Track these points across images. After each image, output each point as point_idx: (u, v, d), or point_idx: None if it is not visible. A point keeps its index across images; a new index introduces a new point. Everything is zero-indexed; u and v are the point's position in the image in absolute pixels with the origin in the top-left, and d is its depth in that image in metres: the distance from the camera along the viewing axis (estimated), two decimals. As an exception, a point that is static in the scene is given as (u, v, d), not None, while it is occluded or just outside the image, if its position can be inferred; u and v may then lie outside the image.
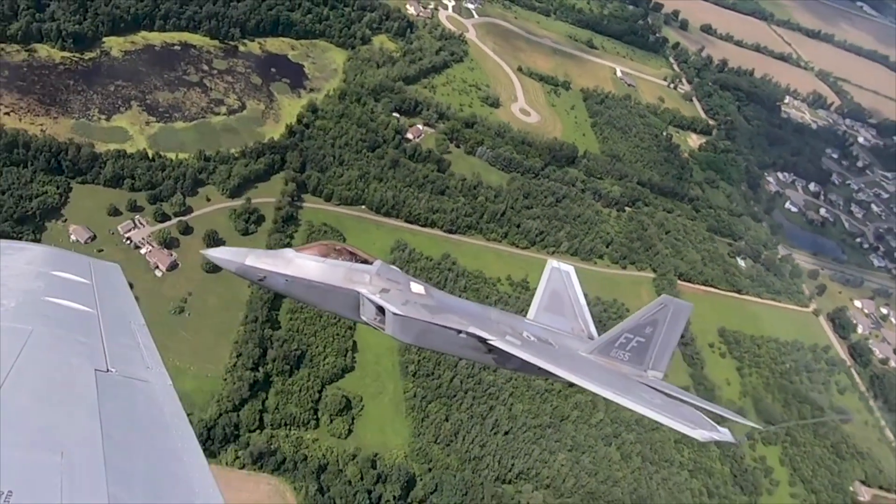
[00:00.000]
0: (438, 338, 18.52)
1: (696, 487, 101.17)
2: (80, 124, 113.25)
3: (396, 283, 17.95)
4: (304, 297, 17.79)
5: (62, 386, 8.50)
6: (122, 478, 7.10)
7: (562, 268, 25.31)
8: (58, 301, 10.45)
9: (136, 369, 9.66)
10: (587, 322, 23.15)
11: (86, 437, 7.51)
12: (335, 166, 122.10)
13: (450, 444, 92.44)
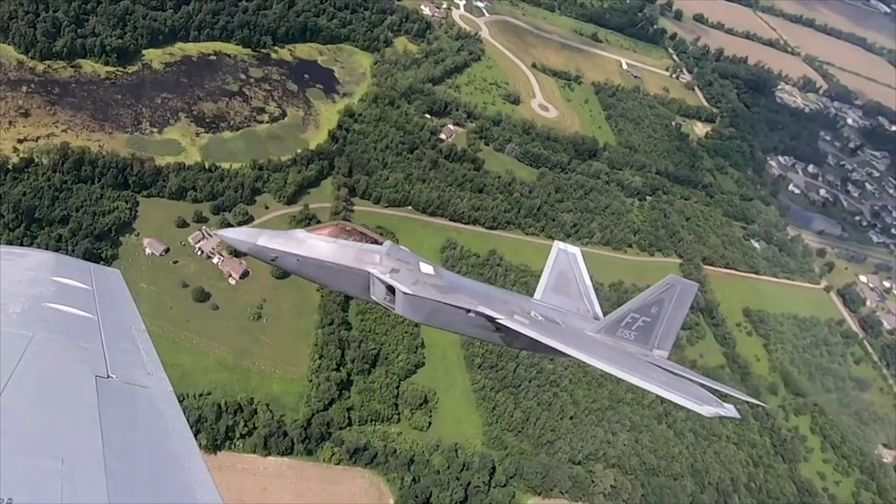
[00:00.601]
0: (448, 317, 18.71)
1: (742, 458, 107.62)
2: (135, 138, 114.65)
3: (406, 264, 18.15)
4: (316, 276, 18.01)
5: (63, 392, 8.45)
6: (122, 484, 7.07)
7: (568, 249, 25.32)
8: (58, 307, 10.35)
9: (137, 375, 9.57)
10: (593, 303, 23.41)
11: (86, 444, 7.47)
12: (380, 169, 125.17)
13: (521, 430, 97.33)
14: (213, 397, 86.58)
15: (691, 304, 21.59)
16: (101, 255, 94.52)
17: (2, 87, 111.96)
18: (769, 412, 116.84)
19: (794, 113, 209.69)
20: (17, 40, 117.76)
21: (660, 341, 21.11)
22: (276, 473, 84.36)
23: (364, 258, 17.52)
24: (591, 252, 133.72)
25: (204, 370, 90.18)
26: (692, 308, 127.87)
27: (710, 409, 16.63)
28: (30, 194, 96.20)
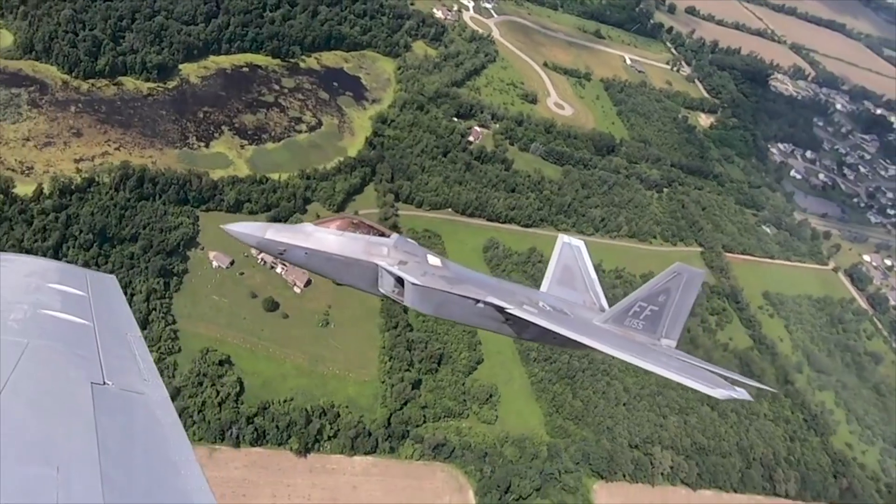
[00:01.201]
0: (457, 308, 18.61)
1: (780, 434, 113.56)
2: (184, 153, 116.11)
3: (414, 256, 18.13)
4: (324, 270, 17.82)
5: (58, 399, 8.36)
6: (118, 491, 6.97)
7: (573, 243, 25.37)
8: (54, 314, 10.25)
9: (133, 382, 9.49)
10: (598, 295, 23.35)
11: (82, 451, 7.38)
12: (420, 174, 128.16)
13: (581, 419, 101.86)
14: (295, 403, 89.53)
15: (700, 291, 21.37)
16: (173, 270, 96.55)
17: (52, 108, 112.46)
18: (798, 389, 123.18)
19: (789, 101, 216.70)
20: (59, 60, 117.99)
21: (667, 330, 20.99)
22: (363, 472, 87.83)
23: (372, 251, 17.58)
24: (620, 245, 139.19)
25: (283, 377, 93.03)
26: (718, 294, 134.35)
27: (722, 392, 16.79)
28: (98, 213, 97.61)
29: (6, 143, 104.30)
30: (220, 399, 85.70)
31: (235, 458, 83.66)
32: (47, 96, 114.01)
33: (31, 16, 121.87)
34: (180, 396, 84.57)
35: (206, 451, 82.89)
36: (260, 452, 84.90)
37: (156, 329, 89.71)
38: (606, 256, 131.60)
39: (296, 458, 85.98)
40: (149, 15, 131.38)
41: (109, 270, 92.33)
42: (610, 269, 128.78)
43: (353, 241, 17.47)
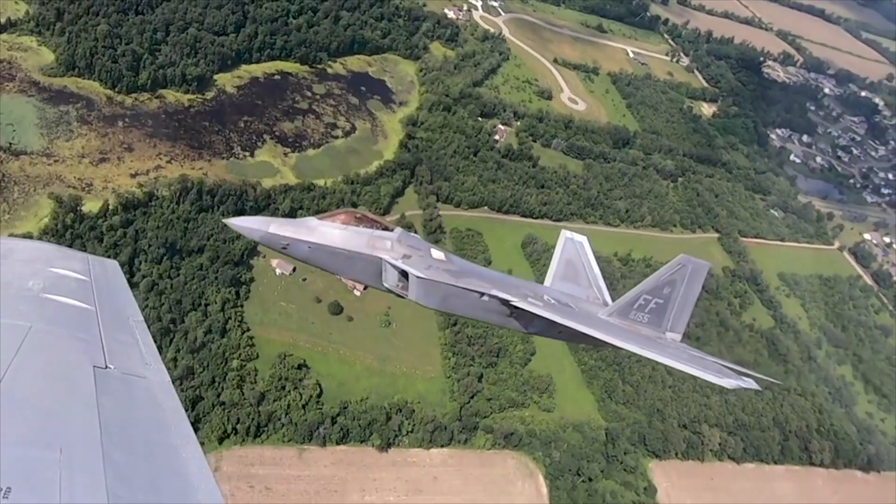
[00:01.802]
0: (462, 301, 18.51)
1: (809, 407, 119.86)
2: (232, 164, 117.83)
3: (418, 250, 18.03)
4: (327, 264, 17.71)
5: (61, 383, 8.35)
6: (120, 474, 6.97)
7: (575, 238, 25.04)
8: (56, 298, 10.27)
9: (135, 366, 9.50)
10: (602, 290, 23.21)
11: (84, 434, 7.38)
12: (456, 174, 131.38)
13: (631, 402, 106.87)
14: (371, 401, 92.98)
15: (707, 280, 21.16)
16: (241, 279, 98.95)
17: (101, 124, 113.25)
18: (820, 364, 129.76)
19: (782, 87, 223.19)
20: (102, 76, 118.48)
21: (672, 323, 20.85)
22: (441, 463, 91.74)
23: (376, 244, 17.49)
24: (645, 234, 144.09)
25: (356, 378, 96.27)
26: (738, 277, 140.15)
27: (731, 382, 16.78)
28: (162, 227, 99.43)
29: (63, 161, 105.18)
30: (304, 402, 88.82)
31: (323, 457, 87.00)
32: (94, 112, 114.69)
33: (69, 32, 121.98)
34: (266, 401, 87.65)
35: (296, 452, 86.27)
36: (345, 450, 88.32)
37: (234, 337, 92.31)
38: (635, 246, 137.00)
39: (378, 453, 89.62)
40: (182, 27, 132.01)
41: (182, 283, 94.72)
42: (639, 258, 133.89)
43: (356, 234, 17.36)
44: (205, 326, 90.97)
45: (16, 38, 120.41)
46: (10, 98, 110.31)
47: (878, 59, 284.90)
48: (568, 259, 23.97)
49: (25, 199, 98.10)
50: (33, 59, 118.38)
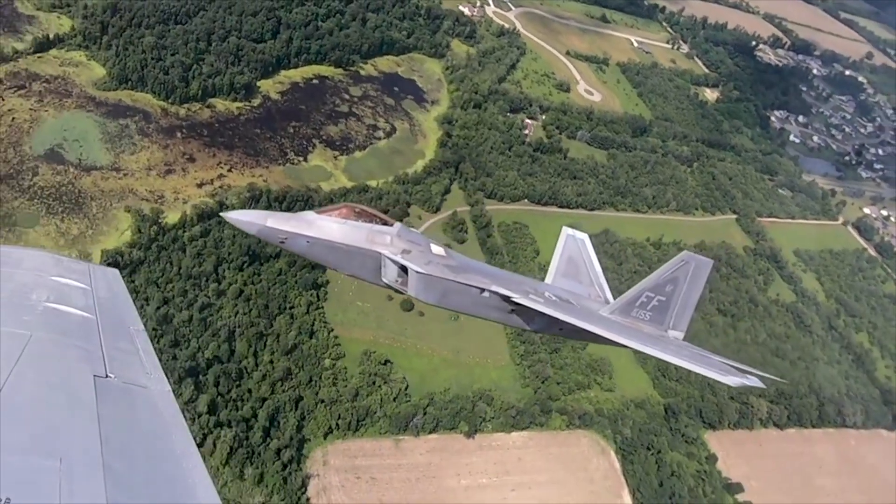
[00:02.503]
0: (462, 297, 18.22)
1: (837, 373, 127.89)
2: (288, 169, 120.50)
3: (417, 245, 17.78)
4: (325, 258, 17.47)
5: (61, 391, 8.23)
6: (121, 483, 6.92)
7: (577, 235, 24.70)
8: (57, 306, 10.21)
9: (136, 375, 9.39)
10: (603, 288, 22.89)
11: (85, 443, 7.29)
12: (497, 170, 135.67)
13: (683, 378, 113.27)
14: (452, 391, 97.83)
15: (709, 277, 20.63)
16: (318, 282, 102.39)
17: (161, 136, 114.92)
18: (842, 333, 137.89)
19: (775, 70, 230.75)
20: (155, 88, 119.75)
21: (675, 321, 20.56)
22: (522, 445, 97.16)
23: (375, 239, 17.25)
24: (672, 219, 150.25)
25: (435, 370, 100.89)
26: (759, 255, 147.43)
27: (735, 380, 16.52)
28: (238, 235, 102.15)
29: (132, 175, 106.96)
30: (394, 395, 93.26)
31: (418, 446, 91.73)
32: (152, 124, 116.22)
33: (116, 46, 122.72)
34: (360, 396, 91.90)
35: (393, 443, 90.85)
36: (436, 438, 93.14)
37: (321, 337, 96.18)
38: (664, 231, 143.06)
39: (466, 439, 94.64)
40: (223, 36, 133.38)
41: (266, 288, 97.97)
42: (668, 241, 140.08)
43: (355, 229, 17.14)
44: (294, 329, 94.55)
45: (65, 54, 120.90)
46: (70, 114, 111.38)
47: (856, 38, 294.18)
48: (569, 256, 23.74)
49: (104, 213, 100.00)
50: (85, 74, 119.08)
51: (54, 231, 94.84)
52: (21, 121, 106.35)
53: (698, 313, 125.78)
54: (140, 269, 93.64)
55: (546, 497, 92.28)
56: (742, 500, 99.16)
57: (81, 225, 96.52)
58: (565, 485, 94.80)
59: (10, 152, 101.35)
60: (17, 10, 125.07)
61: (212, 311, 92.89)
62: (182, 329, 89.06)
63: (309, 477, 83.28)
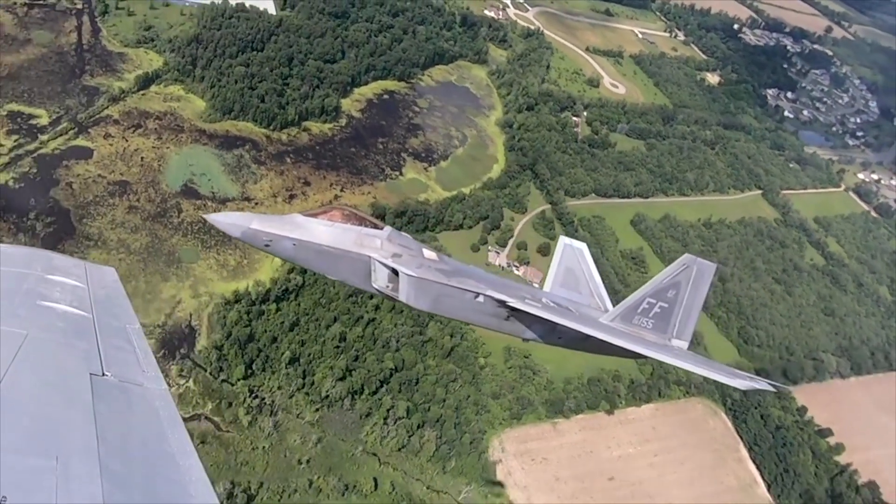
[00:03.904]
0: (455, 302, 17.53)
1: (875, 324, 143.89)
2: (389, 185, 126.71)
3: (408, 249, 17.17)
4: (312, 263, 16.80)
5: (58, 390, 8.16)
6: (117, 482, 6.87)
7: (574, 245, 24.01)
8: (53, 305, 10.09)
9: (132, 373, 9.30)
10: (603, 298, 22.24)
11: (81, 442, 7.22)
12: (564, 167, 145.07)
13: (763, 344, 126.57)
14: (586, 375, 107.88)
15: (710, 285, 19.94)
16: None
17: (273, 163, 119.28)
18: (869, 288, 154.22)
19: (762, 50, 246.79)
20: (256, 117, 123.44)
21: (679, 329, 19.77)
22: (651, 416, 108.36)
23: (365, 242, 16.64)
24: (711, 199, 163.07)
25: (565, 359, 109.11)
26: (788, 225, 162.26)
27: (743, 383, 16.37)
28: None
29: (262, 203, 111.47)
30: (543, 385, 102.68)
31: (571, 427, 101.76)
32: (262, 152, 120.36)
33: (209, 78, 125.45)
34: (517, 388, 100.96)
35: (550, 426, 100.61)
36: (584, 418, 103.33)
37: (469, 338, 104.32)
38: (709, 211, 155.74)
39: (607, 416, 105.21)
40: (301, 59, 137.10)
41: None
42: (715, 220, 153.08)
43: (344, 232, 16.51)
44: (446, 332, 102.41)
45: (164, 89, 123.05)
46: (189, 149, 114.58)
47: (813, 13, 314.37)
48: (567, 266, 23.00)
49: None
50: (189, 108, 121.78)
51: (215, 264, 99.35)
52: (150, 159, 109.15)
53: (761, 283, 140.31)
54: (303, 292, 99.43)
55: (681, 458, 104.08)
56: (834, 443, 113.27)
57: (236, 255, 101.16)
58: (692, 446, 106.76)
59: (152, 192, 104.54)
60: (107, 48, 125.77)
61: (375, 325, 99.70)
62: (357, 344, 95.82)
63: (495, 463, 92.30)
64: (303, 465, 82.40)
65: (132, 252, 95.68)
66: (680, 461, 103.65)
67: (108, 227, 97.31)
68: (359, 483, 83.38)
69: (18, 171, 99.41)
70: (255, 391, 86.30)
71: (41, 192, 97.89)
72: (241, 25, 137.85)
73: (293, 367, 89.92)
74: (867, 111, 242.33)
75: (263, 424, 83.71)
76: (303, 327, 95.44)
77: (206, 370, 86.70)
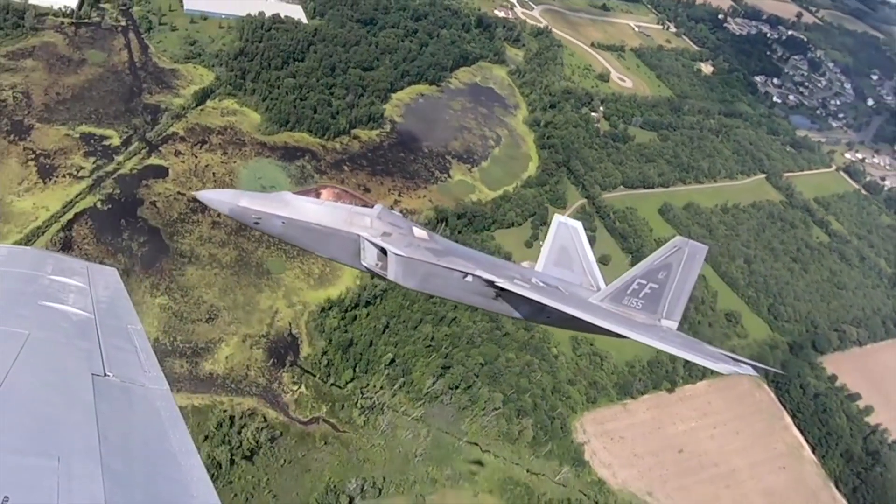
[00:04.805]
0: (443, 282, 17.57)
1: (882, 293, 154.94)
2: (441, 187, 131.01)
3: (398, 228, 17.20)
4: (301, 241, 16.79)
5: (59, 390, 8.13)
6: (119, 482, 6.82)
7: (569, 223, 23.84)
8: (55, 305, 10.05)
9: (134, 373, 9.24)
10: (596, 277, 22.10)
11: (83, 442, 7.17)
12: (595, 162, 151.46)
13: (791, 319, 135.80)
14: (645, 358, 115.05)
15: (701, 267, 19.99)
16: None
17: (333, 171, 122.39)
18: (874, 262, 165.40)
19: (747, 39, 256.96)
20: (311, 127, 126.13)
21: (668, 310, 19.79)
22: (705, 392, 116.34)
23: (354, 221, 16.62)
24: (725, 185, 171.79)
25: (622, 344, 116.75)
26: (793, 207, 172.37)
27: (726, 367, 16.46)
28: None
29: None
30: (611, 369, 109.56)
31: (639, 407, 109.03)
32: (321, 162, 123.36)
33: (259, 91, 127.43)
34: (589, 374, 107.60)
35: (621, 407, 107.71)
36: (649, 398, 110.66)
37: (539, 329, 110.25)
38: (727, 197, 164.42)
39: (668, 395, 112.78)
40: (343, 68, 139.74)
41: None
42: (731, 205, 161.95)
43: (334, 210, 16.52)
44: (520, 326, 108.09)
45: (219, 104, 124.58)
46: (255, 162, 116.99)
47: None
48: (561, 245, 22.98)
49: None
50: (246, 121, 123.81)
51: (301, 273, 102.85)
52: (221, 174, 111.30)
53: (781, 263, 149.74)
54: (386, 296, 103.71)
55: (736, 429, 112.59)
56: (863, 405, 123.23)
57: (318, 264, 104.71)
58: (744, 417, 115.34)
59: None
60: (158, 64, 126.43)
61: (456, 323, 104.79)
62: (444, 342, 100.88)
63: (582, 445, 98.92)
64: (417, 459, 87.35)
65: (224, 266, 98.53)
66: (735, 432, 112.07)
67: (197, 243, 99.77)
68: (466, 472, 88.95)
69: (103, 192, 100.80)
70: (363, 392, 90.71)
71: (129, 212, 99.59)
72: (281, 37, 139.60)
73: (392, 368, 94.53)
74: (843, 93, 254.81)
75: (376, 423, 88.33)
76: (393, 329, 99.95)
77: (315, 376, 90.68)
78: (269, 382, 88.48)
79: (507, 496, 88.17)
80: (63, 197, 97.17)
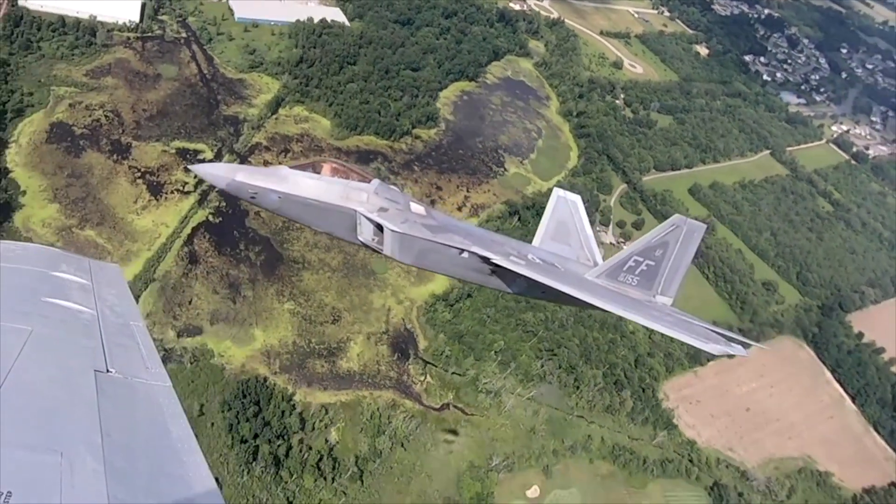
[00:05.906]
0: (439, 258, 17.62)
1: (886, 257, 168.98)
2: (500, 181, 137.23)
3: (395, 203, 17.10)
4: (298, 215, 16.72)
5: (62, 386, 8.11)
6: (121, 478, 6.84)
7: (568, 197, 23.80)
8: (57, 302, 10.03)
9: (136, 370, 9.25)
10: (593, 252, 22.14)
11: (85, 438, 7.19)
12: (631, 149, 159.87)
13: (816, 284, 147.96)
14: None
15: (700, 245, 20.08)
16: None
17: (406, 172, 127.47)
18: (873, 227, 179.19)
19: (734, 20, 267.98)
20: (379, 130, 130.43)
21: (664, 287, 19.94)
22: (759, 356, 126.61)
23: (351, 196, 16.55)
24: (740, 163, 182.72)
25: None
26: (800, 180, 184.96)
27: (717, 347, 16.78)
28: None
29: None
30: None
31: (707, 373, 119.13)
32: (393, 163, 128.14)
33: (324, 97, 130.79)
34: (663, 346, 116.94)
35: (693, 374, 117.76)
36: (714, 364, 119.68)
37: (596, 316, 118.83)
38: (743, 174, 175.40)
39: (728, 360, 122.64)
40: (396, 71, 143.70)
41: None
42: (748, 181, 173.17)
43: (330, 185, 16.40)
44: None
45: (291, 112, 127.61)
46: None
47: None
48: (560, 219, 22.97)
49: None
50: (318, 127, 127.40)
51: (401, 271, 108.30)
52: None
53: (801, 234, 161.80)
54: (474, 294, 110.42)
55: (789, 386, 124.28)
56: (888, 358, 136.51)
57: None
58: (792, 375, 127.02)
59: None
60: (225, 75, 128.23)
61: (544, 307, 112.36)
62: (539, 327, 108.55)
63: (670, 410, 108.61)
64: (537, 434, 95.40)
65: (334, 270, 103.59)
66: (788, 389, 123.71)
67: (305, 249, 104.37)
68: (580, 442, 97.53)
69: (212, 206, 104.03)
70: (481, 378, 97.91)
71: (239, 223, 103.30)
72: (333, 41, 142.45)
73: (501, 354, 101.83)
74: (820, 68, 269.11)
75: (498, 405, 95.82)
76: (493, 318, 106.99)
77: (437, 366, 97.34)
78: (399, 375, 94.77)
79: (618, 461, 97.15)
80: (177, 212, 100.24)
